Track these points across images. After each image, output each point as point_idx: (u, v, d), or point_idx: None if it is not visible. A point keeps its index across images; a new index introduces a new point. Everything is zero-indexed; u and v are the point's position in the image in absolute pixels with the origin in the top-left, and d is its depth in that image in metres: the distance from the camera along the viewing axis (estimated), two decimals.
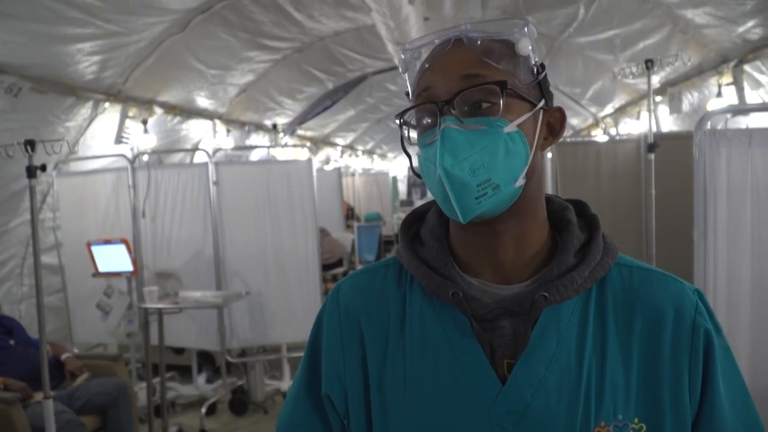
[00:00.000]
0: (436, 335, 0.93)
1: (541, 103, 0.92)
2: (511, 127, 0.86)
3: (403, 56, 0.96)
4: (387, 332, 0.97)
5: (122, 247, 4.80)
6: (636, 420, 0.86)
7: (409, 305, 0.97)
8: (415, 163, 1.00)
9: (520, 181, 0.88)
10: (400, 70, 0.97)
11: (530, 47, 0.90)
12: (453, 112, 0.86)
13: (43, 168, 3.09)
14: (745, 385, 0.94)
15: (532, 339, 0.88)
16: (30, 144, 2.99)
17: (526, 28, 0.90)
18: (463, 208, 0.85)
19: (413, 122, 0.95)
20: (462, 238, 0.96)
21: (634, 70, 4.16)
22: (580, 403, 0.85)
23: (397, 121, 0.95)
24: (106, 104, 5.40)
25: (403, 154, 0.99)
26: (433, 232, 1.00)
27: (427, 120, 0.91)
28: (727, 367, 0.91)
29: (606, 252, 0.94)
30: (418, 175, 0.96)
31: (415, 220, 1.07)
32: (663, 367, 0.88)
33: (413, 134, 0.96)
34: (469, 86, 0.86)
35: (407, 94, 0.97)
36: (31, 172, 3.02)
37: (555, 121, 0.96)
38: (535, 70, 0.91)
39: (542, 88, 0.93)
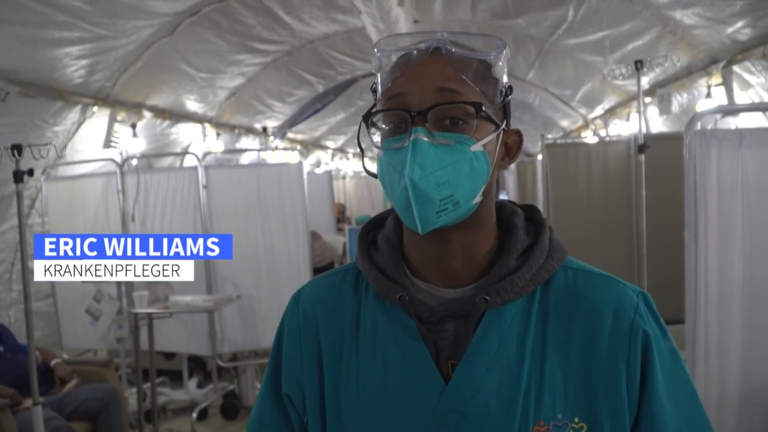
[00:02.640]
0: (386, 337, 0.96)
1: (503, 125, 0.94)
2: (477, 146, 0.89)
3: (378, 54, 0.95)
4: (342, 335, 1.00)
5: None
6: (576, 419, 0.89)
7: (363, 309, 1.00)
8: (368, 163, 1.04)
9: (477, 198, 0.91)
10: (373, 68, 0.97)
11: (505, 70, 0.94)
12: (425, 124, 0.87)
13: (31, 173, 3.06)
14: (692, 385, 0.96)
15: (473, 340, 0.91)
16: (17, 148, 2.96)
17: (503, 52, 0.92)
18: (424, 220, 0.87)
19: (379, 123, 0.95)
20: (415, 245, 0.98)
21: (623, 71, 4.17)
22: (519, 402, 0.88)
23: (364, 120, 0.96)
24: (95, 108, 5.36)
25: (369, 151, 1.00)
26: (388, 237, 1.03)
27: (398, 125, 0.91)
28: (672, 369, 0.93)
29: (551, 255, 0.96)
30: (372, 175, 1.00)
31: (373, 227, 1.10)
32: (600, 368, 0.90)
33: (376, 137, 0.96)
34: (445, 101, 0.88)
35: (374, 90, 0.98)
36: (18, 176, 2.99)
37: (512, 143, 0.99)
38: (502, 92, 0.94)
39: (506, 110, 0.96)
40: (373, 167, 1.07)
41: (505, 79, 0.94)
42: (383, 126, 0.94)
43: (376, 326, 0.97)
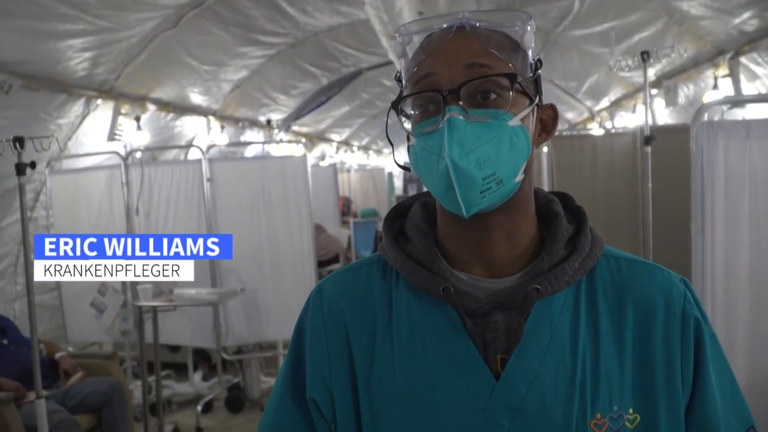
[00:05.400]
0: (425, 332, 0.91)
1: (537, 100, 0.91)
2: (515, 121, 0.85)
3: (399, 39, 0.92)
4: (374, 331, 0.94)
5: None
6: (631, 410, 0.86)
7: (396, 302, 0.94)
8: (399, 155, 0.98)
9: (520, 176, 0.87)
10: (396, 54, 0.94)
11: (532, 42, 0.90)
12: (459, 102, 0.83)
13: (33, 165, 3.05)
14: (731, 371, 0.95)
15: (525, 332, 0.87)
16: (19, 141, 2.95)
17: (528, 23, 0.89)
18: (468, 201, 0.83)
19: (407, 110, 0.91)
20: (452, 233, 0.94)
21: (629, 62, 4.15)
22: (576, 396, 0.85)
23: (392, 109, 0.91)
24: (99, 101, 5.36)
25: (400, 147, 0.96)
26: (418, 227, 0.97)
27: (429, 108, 0.87)
28: (716, 355, 0.92)
29: (594, 243, 0.94)
30: (404, 168, 0.96)
31: (398, 216, 1.05)
32: (656, 357, 0.87)
33: (406, 124, 0.92)
34: (477, 76, 0.84)
35: (398, 79, 0.94)
36: (21, 169, 2.99)
37: (548, 119, 0.95)
38: (532, 65, 0.90)
39: (538, 85, 0.92)
40: (401, 159, 1.05)
41: (532, 52, 0.91)
42: (413, 112, 0.90)
43: (412, 320, 0.92)
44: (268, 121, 9.29)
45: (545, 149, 4.74)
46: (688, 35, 5.40)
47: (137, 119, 5.96)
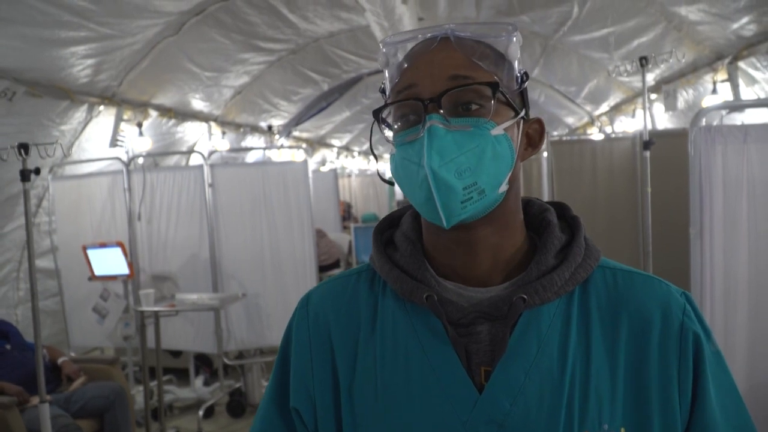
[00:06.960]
0: (408, 341, 0.88)
1: (522, 113, 0.89)
2: (498, 130, 0.83)
3: (384, 50, 0.91)
4: (357, 340, 0.92)
5: (118, 251, 4.80)
6: (622, 429, 0.82)
7: (381, 311, 0.93)
8: (380, 166, 0.96)
9: (503, 187, 0.85)
10: (380, 64, 0.92)
11: (518, 54, 0.88)
12: (440, 111, 0.82)
13: (37, 171, 3.08)
14: (737, 389, 0.90)
15: (510, 344, 0.84)
16: (23, 147, 2.98)
17: (514, 35, 0.87)
18: (448, 211, 0.81)
19: (390, 120, 0.90)
20: (437, 245, 0.92)
21: (628, 67, 4.16)
22: (562, 412, 0.81)
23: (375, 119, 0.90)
24: (101, 107, 5.38)
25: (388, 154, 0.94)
26: (407, 235, 0.96)
27: (409, 117, 0.86)
28: (718, 372, 0.87)
29: (588, 254, 0.90)
30: (386, 181, 0.93)
31: (389, 226, 1.04)
32: (651, 373, 0.84)
33: (388, 134, 0.91)
34: (458, 85, 0.82)
35: (382, 90, 0.93)
36: (25, 175, 3.01)
37: (534, 133, 0.93)
38: (518, 78, 0.89)
39: (524, 98, 0.91)
40: (386, 172, 1.01)
41: (518, 65, 0.89)
42: (395, 123, 0.88)
43: (396, 329, 0.90)
44: (269, 127, 9.31)
45: (545, 154, 4.76)
46: (686, 40, 5.43)
47: (139, 125, 5.99)
